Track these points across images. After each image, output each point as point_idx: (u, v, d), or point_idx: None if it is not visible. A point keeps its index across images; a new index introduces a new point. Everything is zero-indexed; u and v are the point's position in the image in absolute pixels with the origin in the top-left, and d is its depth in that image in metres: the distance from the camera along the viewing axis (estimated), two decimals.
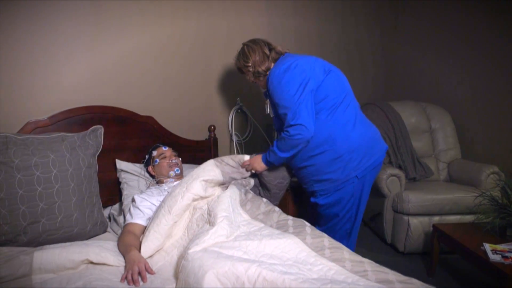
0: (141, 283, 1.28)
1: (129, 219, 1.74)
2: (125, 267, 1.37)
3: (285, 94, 1.70)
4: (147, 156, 2.11)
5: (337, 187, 1.79)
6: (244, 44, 1.97)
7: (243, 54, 1.93)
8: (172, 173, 1.98)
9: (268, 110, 1.96)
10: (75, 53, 2.10)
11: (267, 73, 1.88)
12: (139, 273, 1.31)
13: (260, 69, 1.88)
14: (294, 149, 1.75)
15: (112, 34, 2.20)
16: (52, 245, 1.43)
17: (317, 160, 1.78)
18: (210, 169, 1.72)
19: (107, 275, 1.31)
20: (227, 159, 1.89)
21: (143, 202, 1.78)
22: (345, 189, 1.79)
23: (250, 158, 1.96)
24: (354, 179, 1.77)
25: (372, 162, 1.80)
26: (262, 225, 1.51)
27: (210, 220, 1.49)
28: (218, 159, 1.88)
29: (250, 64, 1.90)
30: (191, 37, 2.49)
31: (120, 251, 1.49)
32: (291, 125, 1.69)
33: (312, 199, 1.91)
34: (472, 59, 2.93)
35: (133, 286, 1.27)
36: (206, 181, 1.66)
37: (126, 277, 1.30)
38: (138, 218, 1.72)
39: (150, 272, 1.36)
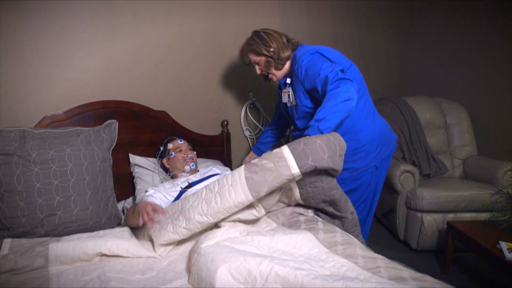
0: (158, 262, 1.30)
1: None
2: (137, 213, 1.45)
3: (324, 60, 1.63)
4: (161, 148, 2.12)
5: (356, 177, 1.80)
6: (259, 31, 1.87)
7: (262, 39, 1.82)
8: (187, 167, 1.99)
9: (290, 97, 1.83)
10: (89, 48, 2.13)
11: (286, 62, 1.84)
12: (152, 211, 1.37)
13: (283, 55, 1.80)
14: (345, 108, 1.49)
15: (125, 30, 2.21)
16: (67, 237, 1.47)
17: None
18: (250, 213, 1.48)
19: (121, 267, 1.34)
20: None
21: (156, 193, 1.81)
22: (364, 178, 1.81)
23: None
24: (373, 169, 1.80)
25: (389, 152, 1.85)
26: (275, 225, 1.51)
27: None
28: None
29: (272, 49, 1.79)
30: (205, 32, 2.49)
31: (129, 223, 1.57)
32: (340, 79, 1.51)
33: None
34: (489, 54, 2.87)
35: (151, 224, 1.37)
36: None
37: (142, 219, 1.36)
38: None
39: (162, 212, 1.40)
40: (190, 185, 1.89)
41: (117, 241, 1.45)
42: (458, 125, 3.00)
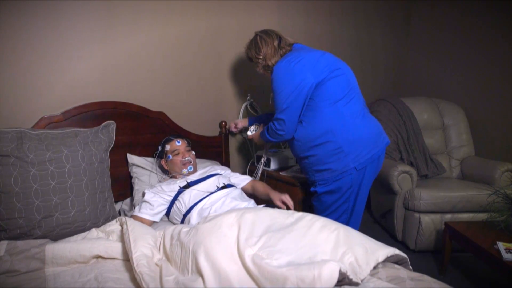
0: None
1: (136, 212, 1.78)
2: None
3: (281, 91, 1.79)
4: (159, 148, 2.11)
5: (335, 178, 1.81)
6: (257, 34, 2.00)
7: (256, 45, 1.97)
8: (185, 171, 2.00)
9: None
10: (87, 49, 2.12)
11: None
12: None
13: (269, 63, 1.92)
14: (274, 138, 1.95)
15: (123, 30, 2.21)
16: (64, 240, 1.46)
17: (318, 151, 1.81)
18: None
19: (118, 267, 1.34)
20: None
21: (154, 197, 1.81)
22: (344, 180, 1.81)
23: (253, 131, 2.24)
24: (353, 170, 1.79)
25: (372, 155, 1.81)
26: None
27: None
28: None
29: (261, 57, 1.94)
30: (203, 33, 2.48)
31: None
32: (277, 119, 1.84)
33: (311, 188, 1.95)
34: (486, 55, 2.88)
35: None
36: None
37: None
38: (144, 213, 1.76)
39: None
40: (189, 185, 1.89)
41: (113, 244, 1.44)
42: (456, 126, 3.01)
